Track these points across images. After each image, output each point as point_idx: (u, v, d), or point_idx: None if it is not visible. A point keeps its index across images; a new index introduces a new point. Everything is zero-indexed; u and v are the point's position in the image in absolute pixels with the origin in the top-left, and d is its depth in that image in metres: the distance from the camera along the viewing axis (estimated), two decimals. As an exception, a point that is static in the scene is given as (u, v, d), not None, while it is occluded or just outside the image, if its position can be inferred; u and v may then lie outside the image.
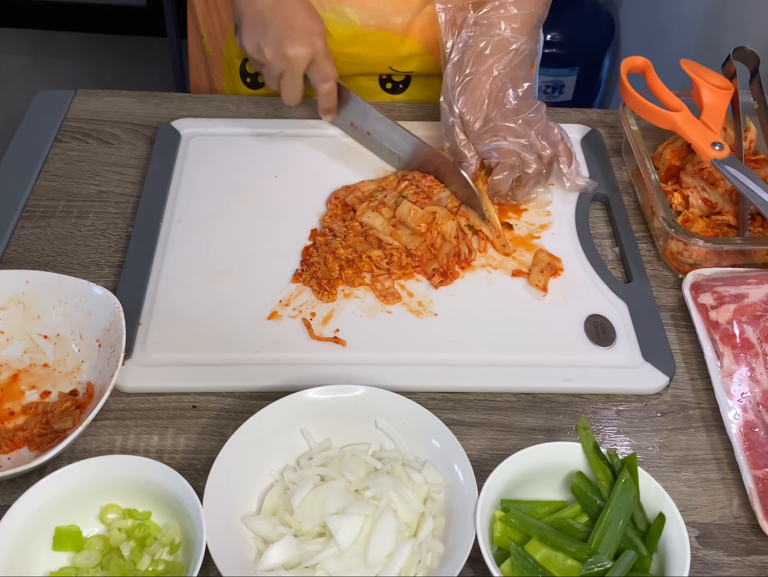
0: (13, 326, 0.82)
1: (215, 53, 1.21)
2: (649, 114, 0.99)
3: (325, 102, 1.02)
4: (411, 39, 1.11)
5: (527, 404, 0.82)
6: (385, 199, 0.97)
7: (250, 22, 0.98)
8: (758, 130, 1.04)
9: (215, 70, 1.23)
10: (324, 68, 0.98)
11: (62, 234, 0.96)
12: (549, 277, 0.92)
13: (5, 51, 3.00)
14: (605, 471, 0.71)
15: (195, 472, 0.75)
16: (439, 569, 0.66)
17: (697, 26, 1.78)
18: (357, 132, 1.07)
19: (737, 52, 1.02)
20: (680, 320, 0.90)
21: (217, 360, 0.83)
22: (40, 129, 1.10)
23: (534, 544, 0.67)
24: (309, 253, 0.94)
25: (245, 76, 1.20)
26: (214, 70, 1.24)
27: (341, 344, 0.85)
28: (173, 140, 1.07)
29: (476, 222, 0.96)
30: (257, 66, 1.01)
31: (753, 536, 0.73)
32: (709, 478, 0.77)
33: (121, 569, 0.66)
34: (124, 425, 0.79)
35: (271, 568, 0.66)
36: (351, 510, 0.67)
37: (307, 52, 0.96)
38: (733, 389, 0.81)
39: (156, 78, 2.86)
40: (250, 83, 1.20)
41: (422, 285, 0.92)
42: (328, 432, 0.75)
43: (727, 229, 0.97)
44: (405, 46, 1.12)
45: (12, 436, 0.76)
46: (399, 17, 1.09)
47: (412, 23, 1.10)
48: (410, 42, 1.12)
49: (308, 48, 0.96)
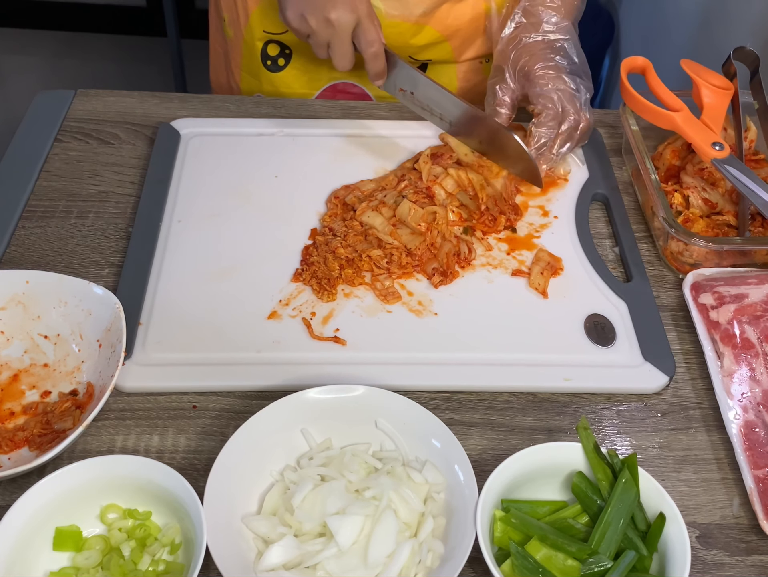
0: (13, 326, 0.82)
1: (236, 36, 1.22)
2: (649, 114, 0.99)
3: (373, 66, 1.01)
4: (430, 27, 1.13)
5: (527, 404, 0.82)
6: (385, 199, 0.97)
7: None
8: (758, 130, 1.04)
9: (235, 55, 1.24)
10: (369, 32, 0.98)
11: (62, 234, 0.96)
12: (549, 279, 0.92)
13: (5, 51, 3.01)
14: (605, 471, 0.71)
15: (195, 472, 0.75)
16: (440, 569, 0.66)
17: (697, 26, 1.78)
18: (406, 97, 1.05)
19: (737, 52, 1.02)
20: (680, 319, 0.90)
21: (217, 360, 0.83)
22: (40, 129, 1.10)
23: (534, 544, 0.67)
24: (309, 253, 0.94)
25: (266, 59, 1.20)
26: (234, 55, 1.24)
27: (341, 343, 0.85)
28: (173, 140, 1.07)
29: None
30: (303, 37, 1.01)
31: (753, 536, 0.73)
32: (709, 478, 0.77)
33: (121, 569, 0.66)
34: (125, 425, 0.79)
35: (272, 568, 0.66)
36: (351, 510, 0.67)
37: (351, 17, 0.96)
38: (733, 389, 0.80)
39: (156, 78, 2.86)
40: (271, 66, 1.20)
41: (422, 284, 0.92)
42: (329, 432, 0.75)
43: (727, 229, 0.97)
44: (423, 35, 1.14)
45: (12, 436, 0.75)
46: (422, 7, 1.11)
47: (432, 12, 1.11)
48: (429, 30, 1.13)
49: (351, 12, 0.96)
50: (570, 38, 1.06)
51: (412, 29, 1.13)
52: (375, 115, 1.15)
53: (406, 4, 1.10)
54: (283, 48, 1.19)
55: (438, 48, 1.17)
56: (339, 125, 1.11)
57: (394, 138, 1.10)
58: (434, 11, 1.12)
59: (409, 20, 1.11)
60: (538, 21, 1.06)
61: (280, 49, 1.19)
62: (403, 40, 1.13)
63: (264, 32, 1.17)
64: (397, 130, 1.11)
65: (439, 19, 1.13)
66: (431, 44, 1.16)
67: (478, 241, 0.97)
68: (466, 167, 1.01)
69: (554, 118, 1.00)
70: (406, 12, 1.11)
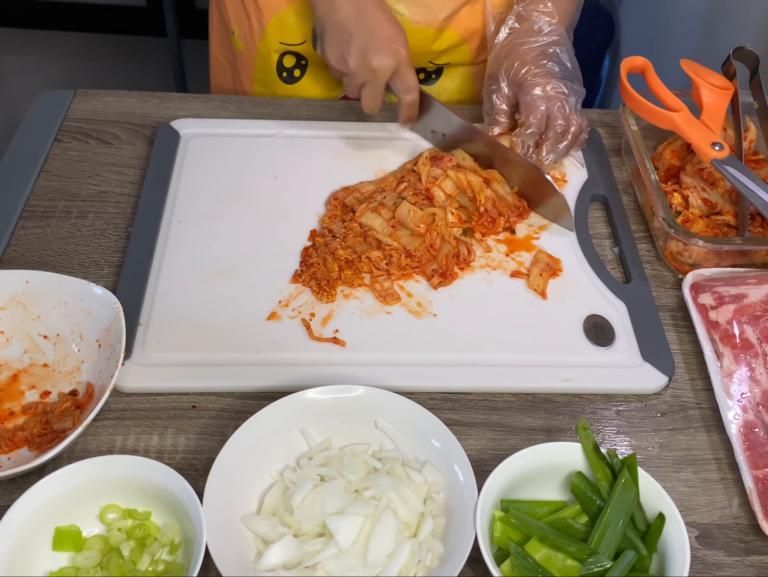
0: (13, 326, 0.82)
1: (248, 49, 1.21)
2: (649, 114, 0.99)
3: (408, 112, 1.03)
4: (450, 31, 1.13)
5: (527, 404, 0.82)
6: (385, 200, 0.97)
7: (333, 32, 0.98)
8: (758, 130, 1.04)
9: (246, 67, 1.23)
10: (408, 79, 0.99)
11: (62, 234, 0.96)
12: (548, 281, 0.92)
13: (5, 51, 3.01)
14: (605, 471, 0.71)
15: (195, 472, 0.75)
16: (439, 569, 0.66)
17: (697, 26, 1.78)
18: (436, 138, 1.06)
19: (737, 52, 1.02)
20: (680, 320, 0.91)
21: (217, 360, 0.83)
22: (40, 129, 1.10)
23: (534, 544, 0.67)
24: (308, 254, 0.94)
25: (281, 71, 1.20)
26: (244, 67, 1.23)
27: (340, 344, 0.85)
28: (172, 140, 1.07)
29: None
30: (338, 74, 1.01)
31: (753, 536, 0.74)
32: (708, 478, 0.77)
33: (121, 569, 0.66)
34: (124, 425, 0.79)
35: (271, 568, 0.66)
36: (351, 510, 0.67)
37: (391, 63, 0.97)
38: (732, 389, 0.81)
39: (156, 78, 2.86)
40: (286, 78, 1.20)
41: (421, 286, 0.92)
42: (328, 432, 0.75)
43: (727, 229, 0.97)
44: (444, 39, 1.14)
45: (12, 436, 0.75)
46: (445, 11, 1.11)
47: (453, 16, 1.12)
48: (449, 34, 1.14)
49: (393, 59, 0.97)
50: (563, 44, 1.05)
51: (434, 34, 1.13)
52: (375, 117, 1.14)
53: (431, 9, 1.10)
54: (300, 59, 1.18)
55: (457, 51, 1.17)
56: (339, 127, 1.11)
57: (393, 140, 1.10)
58: (455, 14, 1.12)
59: (432, 26, 1.11)
60: (531, 27, 1.05)
61: (296, 60, 1.18)
62: (424, 45, 1.13)
63: (280, 44, 1.16)
64: (396, 132, 1.11)
65: (459, 21, 1.13)
66: (451, 48, 1.16)
67: (477, 242, 0.97)
68: (465, 170, 1.01)
69: (537, 128, 1.00)
70: (430, 18, 1.11)
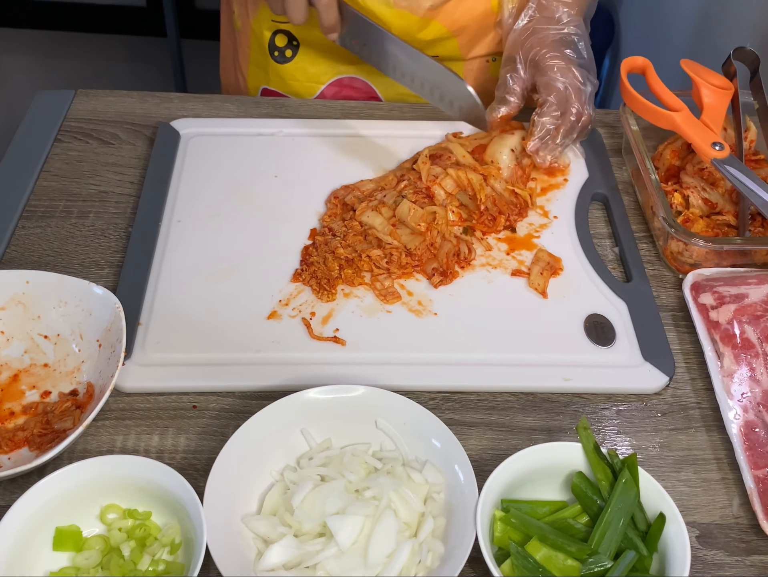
0: (13, 326, 0.82)
1: (244, 27, 1.22)
2: (649, 114, 0.99)
3: (325, 18, 0.98)
4: (437, 22, 1.13)
5: (527, 404, 0.82)
6: (385, 199, 0.97)
7: None
8: (758, 130, 1.04)
9: (243, 46, 1.24)
10: None
11: (62, 234, 0.96)
12: (548, 280, 0.92)
13: (5, 51, 3.01)
14: (605, 471, 0.70)
15: (195, 472, 0.75)
16: (440, 569, 0.66)
17: (697, 26, 1.78)
18: (363, 51, 1.02)
19: (737, 52, 1.02)
20: (680, 320, 0.90)
21: (217, 360, 0.83)
22: (40, 129, 1.10)
23: (534, 544, 0.66)
24: (308, 253, 0.94)
25: (273, 50, 1.20)
26: (242, 46, 1.25)
27: (341, 343, 0.85)
28: (173, 140, 1.07)
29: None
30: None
31: (753, 536, 0.73)
32: (709, 478, 0.77)
33: (121, 569, 0.66)
34: (125, 425, 0.79)
35: (271, 568, 0.66)
36: (351, 510, 0.67)
37: None
38: (733, 389, 0.81)
39: (156, 78, 2.86)
40: (278, 57, 1.21)
41: (422, 284, 0.92)
42: (329, 432, 0.75)
43: (727, 229, 0.97)
44: (430, 29, 1.13)
45: (12, 436, 0.75)
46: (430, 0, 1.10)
47: (440, 7, 1.11)
48: (436, 25, 1.13)
49: None
50: (582, 34, 1.06)
51: (419, 23, 1.12)
52: (374, 116, 1.15)
53: None
54: (291, 39, 1.19)
55: (445, 44, 1.16)
56: (339, 125, 1.11)
57: (393, 138, 1.10)
58: (442, 6, 1.12)
59: (416, 13, 1.11)
60: (551, 15, 1.06)
61: (288, 40, 1.19)
62: (410, 33, 1.13)
63: (272, 21, 1.18)
64: (396, 130, 1.11)
65: (446, 14, 1.12)
66: (438, 40, 1.15)
67: (477, 241, 0.97)
68: (465, 168, 1.01)
69: (558, 109, 1.00)
70: (414, 4, 1.10)
